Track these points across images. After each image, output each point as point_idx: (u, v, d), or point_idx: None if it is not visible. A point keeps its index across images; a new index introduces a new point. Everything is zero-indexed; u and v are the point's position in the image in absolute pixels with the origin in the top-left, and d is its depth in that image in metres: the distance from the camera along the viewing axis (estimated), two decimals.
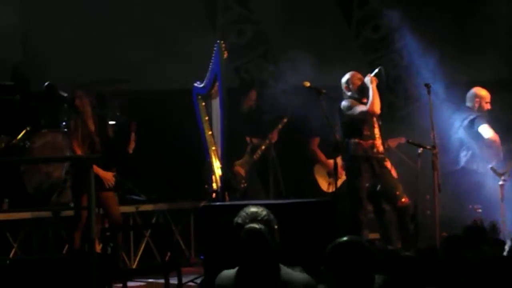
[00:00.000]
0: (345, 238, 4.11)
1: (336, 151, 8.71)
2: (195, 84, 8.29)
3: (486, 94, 9.42)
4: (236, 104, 9.51)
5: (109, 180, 8.48)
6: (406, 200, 8.43)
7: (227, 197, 7.87)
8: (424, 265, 4.78)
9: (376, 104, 8.33)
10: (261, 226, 4.39)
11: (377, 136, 8.48)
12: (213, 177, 8.00)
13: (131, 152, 9.14)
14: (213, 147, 8.11)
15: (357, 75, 8.58)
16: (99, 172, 8.30)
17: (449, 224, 8.26)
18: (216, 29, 11.09)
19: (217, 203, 7.59)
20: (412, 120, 9.91)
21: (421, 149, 8.77)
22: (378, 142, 8.47)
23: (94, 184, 7.46)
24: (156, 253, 9.62)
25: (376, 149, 8.44)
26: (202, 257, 8.45)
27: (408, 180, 9.01)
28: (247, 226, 4.40)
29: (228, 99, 7.95)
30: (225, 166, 8.03)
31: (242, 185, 9.48)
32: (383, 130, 8.59)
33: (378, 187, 8.40)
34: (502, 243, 5.74)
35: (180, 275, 7.50)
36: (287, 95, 10.09)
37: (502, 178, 8.99)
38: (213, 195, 7.96)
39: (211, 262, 6.43)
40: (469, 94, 9.47)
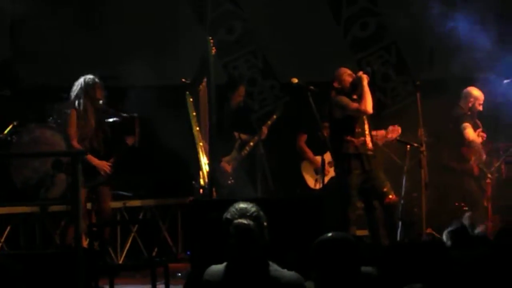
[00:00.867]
0: (330, 234, 4.12)
1: (324, 148, 8.71)
2: (183, 80, 8.29)
3: (480, 95, 9.42)
4: (224, 100, 9.49)
5: (105, 168, 8.45)
6: (394, 197, 8.44)
7: (214, 193, 7.87)
8: (410, 262, 4.79)
9: (369, 103, 8.29)
10: (250, 222, 4.38)
11: (367, 133, 8.48)
12: (200, 173, 7.99)
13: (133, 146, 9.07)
14: (201, 143, 8.10)
15: (347, 71, 8.54)
16: (94, 162, 8.29)
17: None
18: (205, 26, 11.07)
19: (204, 199, 7.60)
20: (400, 118, 9.90)
21: (409, 147, 8.80)
22: (368, 139, 8.46)
23: (93, 179, 7.48)
24: (143, 249, 9.62)
25: (367, 146, 8.44)
26: (189, 253, 8.48)
27: (395, 178, 9.03)
28: (236, 222, 4.39)
29: (216, 95, 7.95)
30: (211, 162, 8.02)
31: (229, 182, 9.47)
32: (371, 128, 8.60)
33: (367, 184, 8.40)
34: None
35: (167, 271, 7.51)
36: (275, 92, 10.10)
37: (488, 176, 9.05)
38: (200, 191, 7.95)
39: (198, 258, 6.43)
40: (464, 93, 9.46)
